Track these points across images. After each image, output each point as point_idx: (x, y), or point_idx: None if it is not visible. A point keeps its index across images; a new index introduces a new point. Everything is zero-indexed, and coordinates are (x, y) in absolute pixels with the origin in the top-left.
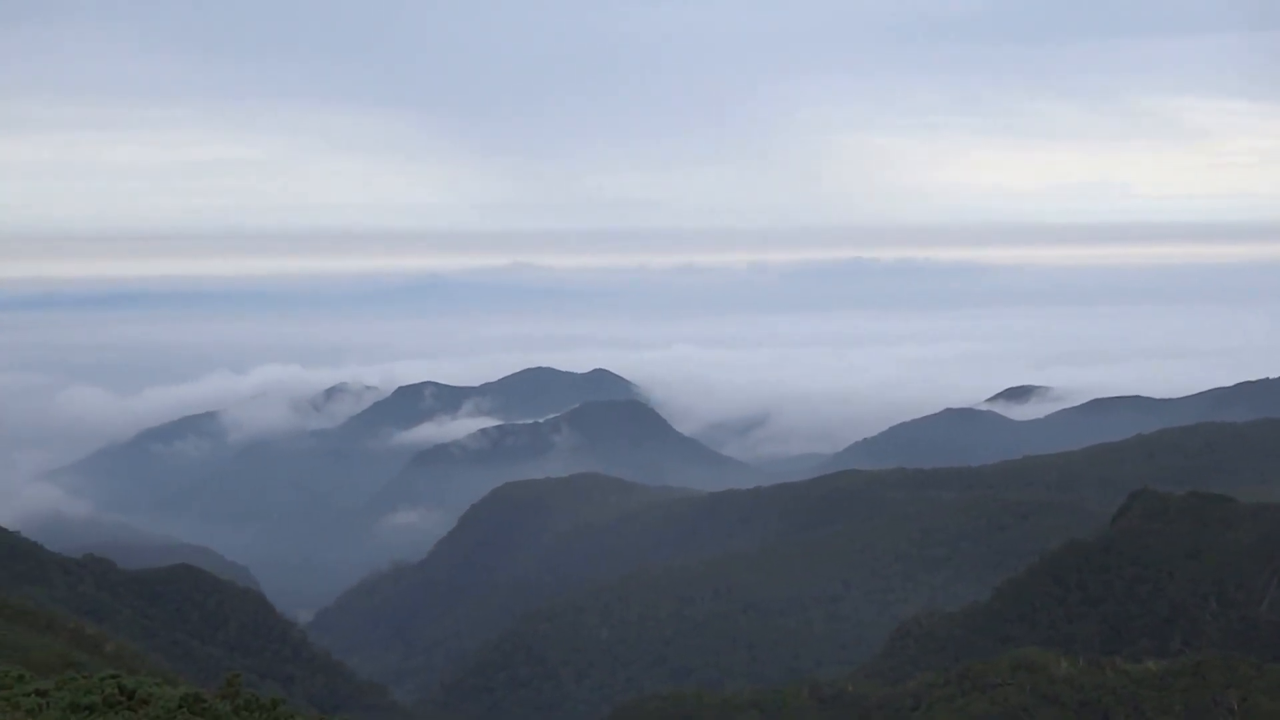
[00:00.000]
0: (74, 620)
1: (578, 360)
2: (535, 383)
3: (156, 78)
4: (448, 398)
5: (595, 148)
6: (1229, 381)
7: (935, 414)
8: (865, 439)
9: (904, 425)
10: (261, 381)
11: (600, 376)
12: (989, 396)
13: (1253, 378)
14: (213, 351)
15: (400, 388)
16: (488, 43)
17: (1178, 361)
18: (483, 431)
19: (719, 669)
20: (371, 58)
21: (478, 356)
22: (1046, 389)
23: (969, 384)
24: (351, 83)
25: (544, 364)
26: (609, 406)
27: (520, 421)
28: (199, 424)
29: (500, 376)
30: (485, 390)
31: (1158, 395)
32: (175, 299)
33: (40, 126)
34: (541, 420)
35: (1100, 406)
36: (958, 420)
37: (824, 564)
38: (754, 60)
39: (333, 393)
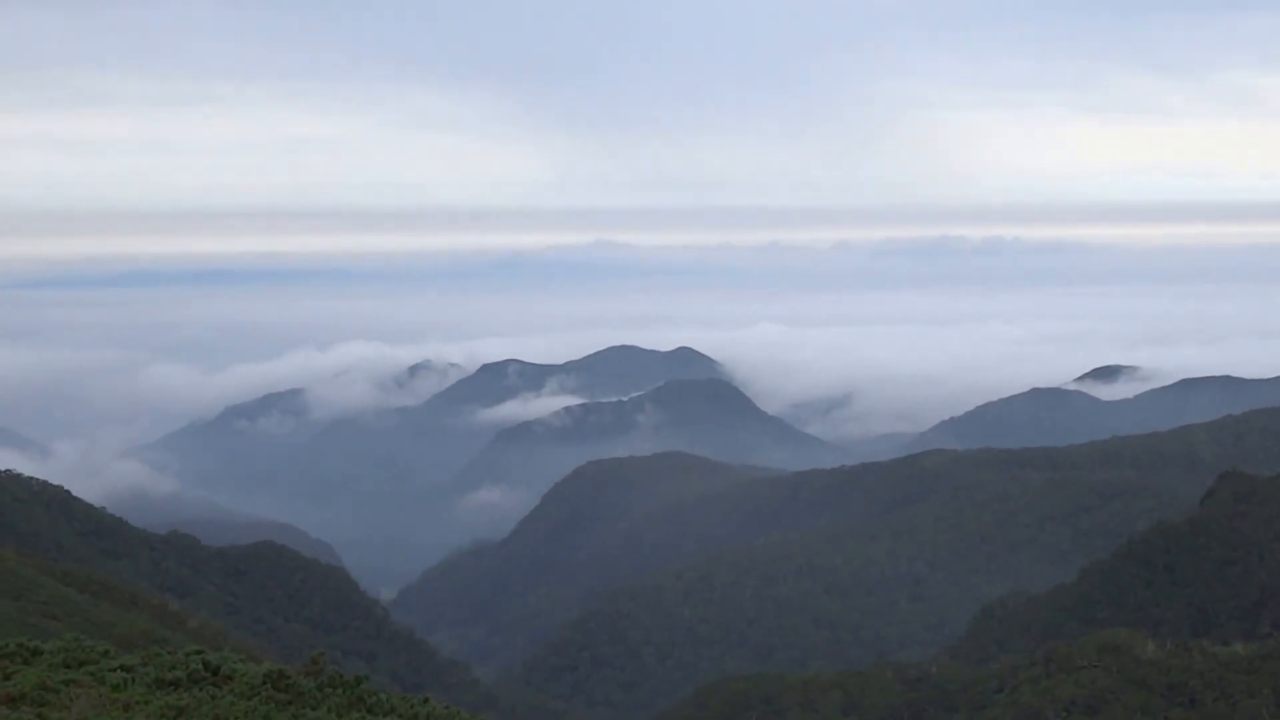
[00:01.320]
0: (158, 596)
1: (661, 339)
2: (619, 361)
3: (239, 55)
4: (531, 375)
5: (680, 126)
6: None
7: (1022, 394)
8: (951, 418)
9: (990, 405)
10: (345, 359)
11: (684, 355)
12: (1076, 376)
13: None
14: (297, 329)
15: (484, 365)
16: (573, 17)
17: (1268, 342)
18: (566, 410)
19: (802, 649)
20: (454, 33)
21: (561, 334)
22: (1134, 369)
23: (1056, 364)
24: (434, 59)
25: (628, 342)
26: (693, 385)
27: (604, 400)
28: (283, 401)
29: (584, 354)
30: (569, 368)
31: (1248, 376)
32: (260, 276)
33: (125, 104)
34: (625, 399)
35: (1189, 387)
36: (1044, 400)
37: (908, 545)
38: (841, 36)
39: (416, 370)
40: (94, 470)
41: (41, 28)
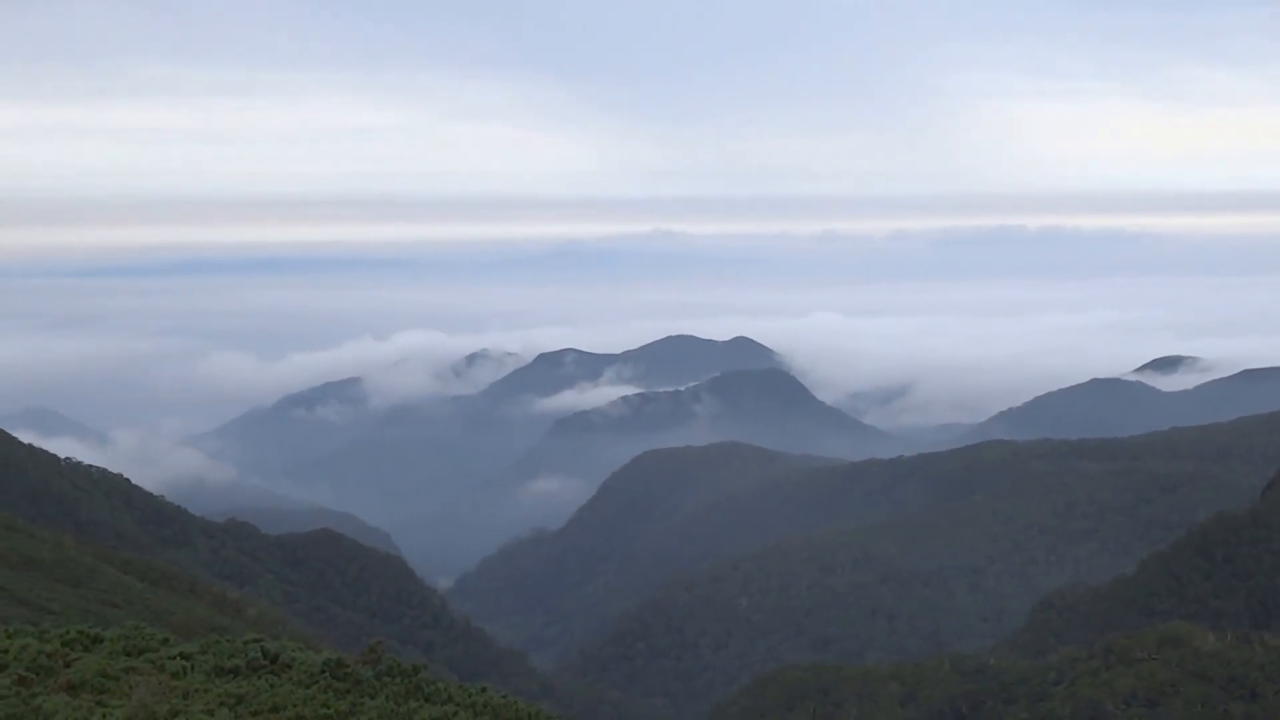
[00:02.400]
0: (217, 584)
1: (719, 328)
2: (676, 350)
3: (301, 45)
4: (589, 365)
5: (737, 114)
6: None
7: (1081, 384)
8: (1009, 409)
9: (1049, 395)
10: (403, 347)
11: (742, 344)
12: (1136, 367)
13: None
14: (356, 318)
15: (541, 354)
16: (630, 9)
17: None
18: (624, 399)
19: (859, 640)
20: (514, 24)
21: (619, 324)
22: (1195, 359)
23: (1116, 354)
24: (494, 50)
25: (685, 332)
26: (750, 375)
27: (661, 389)
28: (341, 390)
29: (641, 344)
30: (626, 358)
31: None
32: (319, 265)
33: (184, 94)
34: (683, 388)
35: (1250, 378)
36: (1104, 391)
37: (966, 535)
38: (898, 26)
39: (474, 359)
40: (153, 458)
41: (102, 20)
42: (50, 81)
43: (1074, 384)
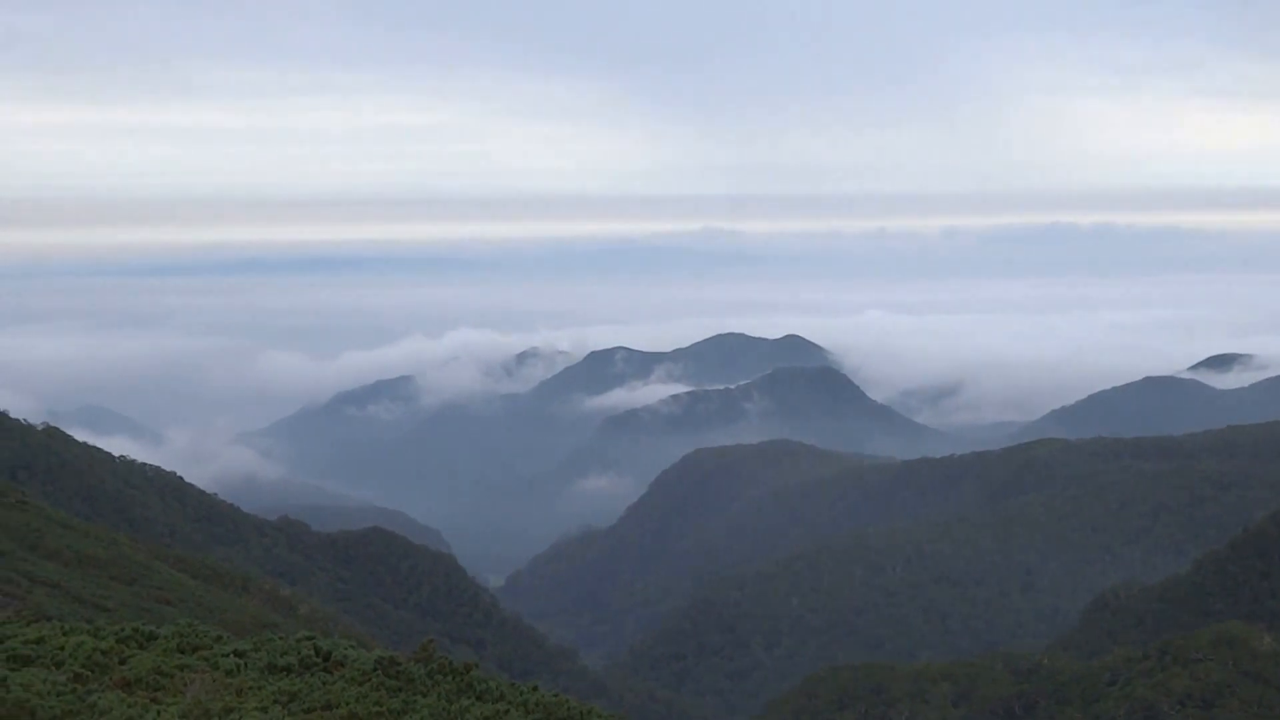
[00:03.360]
0: (270, 582)
1: (770, 326)
2: (727, 348)
3: (351, 44)
4: (639, 363)
5: (789, 112)
6: None
7: (1135, 382)
8: (1062, 407)
9: (1102, 394)
10: (455, 346)
11: (792, 343)
12: (1190, 365)
13: None
14: (408, 316)
15: (592, 353)
16: (680, 6)
17: None
18: (674, 397)
19: (911, 639)
20: (562, 22)
21: (669, 322)
22: (1250, 357)
23: (1170, 352)
24: (543, 48)
25: (736, 330)
26: (801, 373)
27: (712, 387)
28: (393, 388)
29: (692, 342)
30: (677, 356)
31: None
32: (371, 264)
33: (240, 94)
34: (733, 386)
35: None
36: (1158, 389)
37: (1019, 534)
38: (951, 21)
39: (524, 357)
40: (206, 456)
41: (155, 20)
42: (105, 83)
43: (1127, 382)
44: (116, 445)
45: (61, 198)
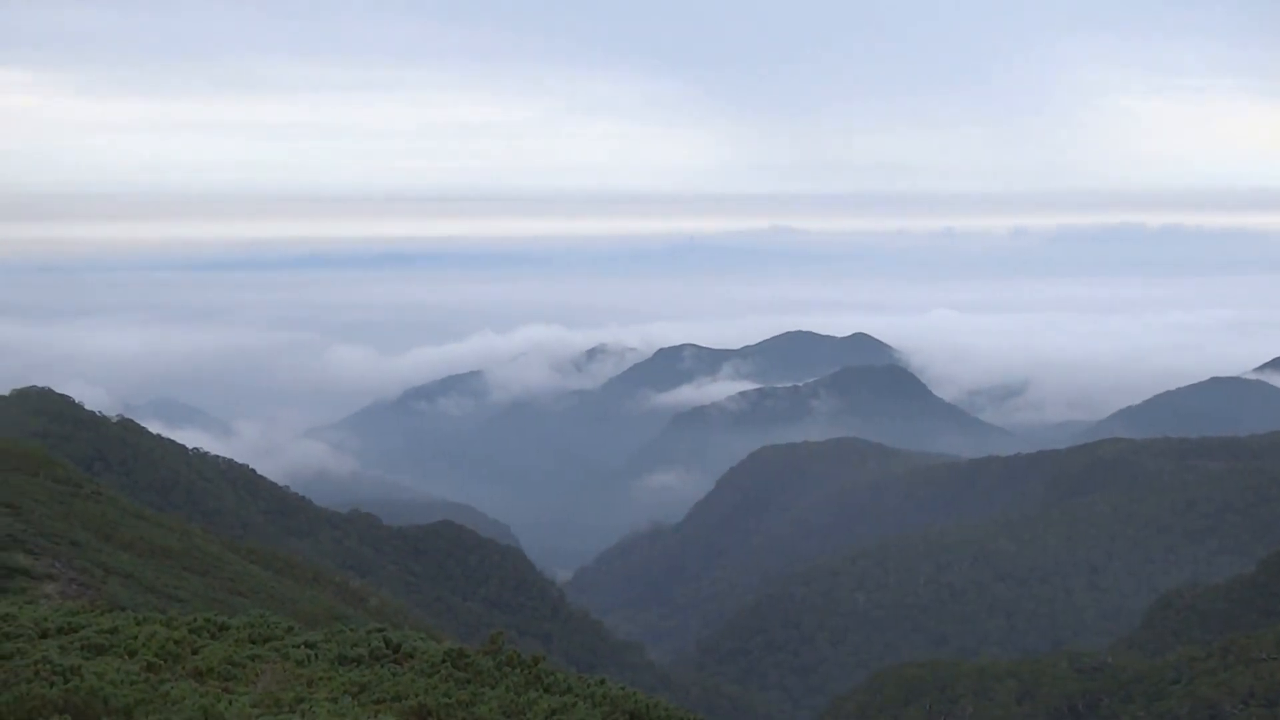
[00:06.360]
0: (340, 574)
1: (837, 324)
2: (794, 346)
3: (421, 41)
4: (707, 360)
5: (855, 111)
6: None
7: (1201, 382)
8: (1128, 407)
9: (1168, 394)
10: (524, 341)
11: (860, 341)
12: (1257, 365)
13: None
14: (477, 311)
15: (660, 349)
16: (751, 6)
17: None
18: (742, 394)
19: (976, 637)
20: (634, 23)
21: (737, 319)
22: None
23: (1236, 352)
24: (613, 46)
25: (803, 328)
26: (869, 371)
27: (779, 385)
28: (462, 383)
29: (759, 339)
30: (745, 353)
31: None
32: (442, 259)
33: (310, 89)
34: (800, 384)
35: None
36: (1224, 389)
37: (1084, 533)
38: (1017, 21)
39: (593, 354)
40: (277, 449)
41: (222, 17)
42: (175, 79)
43: (1193, 382)
44: (188, 437)
45: (132, 192)
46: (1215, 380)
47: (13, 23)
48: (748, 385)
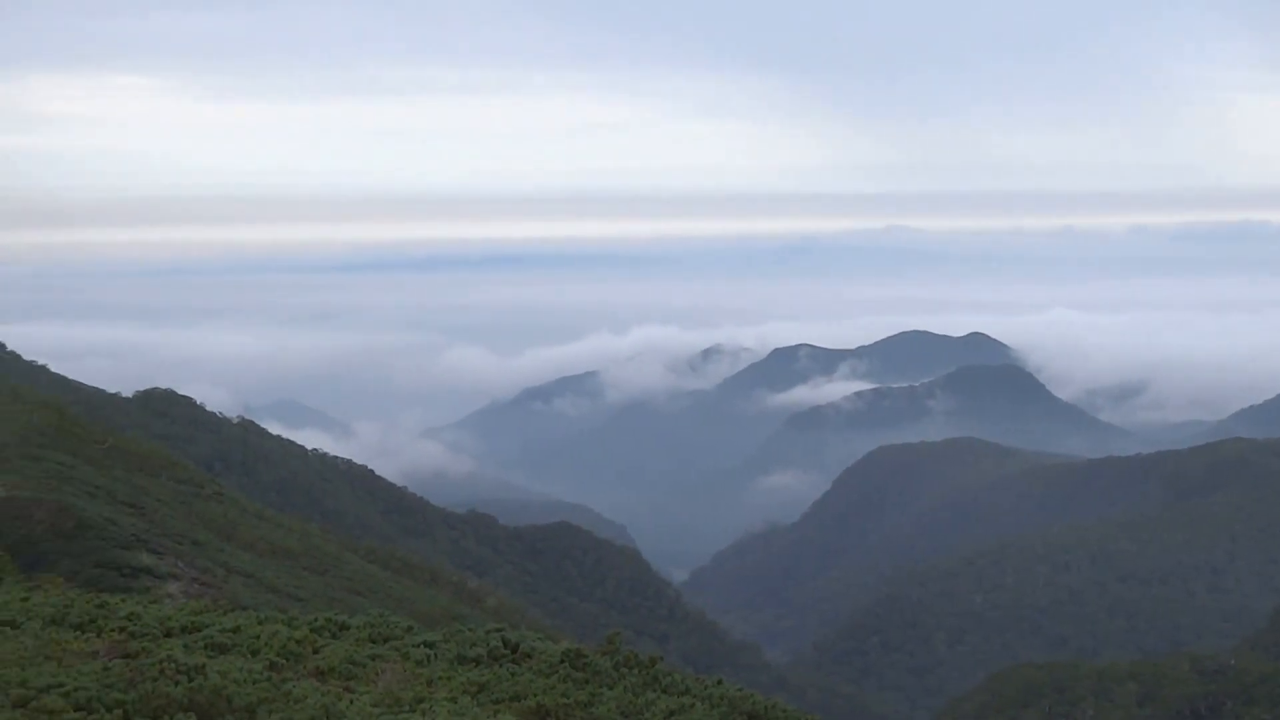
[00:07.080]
0: (457, 574)
1: (954, 324)
2: (911, 346)
3: (532, 43)
4: (823, 360)
5: (971, 109)
6: None
7: None
8: (1250, 406)
9: None
10: (639, 342)
11: (977, 340)
12: None
13: None
14: (593, 312)
15: (775, 350)
16: (865, 7)
17: None
18: (858, 394)
19: (1095, 638)
20: (747, 22)
21: (852, 319)
22: None
23: None
24: (725, 46)
25: (919, 328)
26: (986, 371)
27: (896, 385)
28: (578, 384)
29: (875, 339)
30: (860, 353)
31: None
32: (557, 260)
33: (424, 92)
34: (917, 384)
35: None
36: None
37: (1206, 534)
38: (1135, 19)
39: (709, 354)
40: (395, 450)
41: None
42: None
43: None
44: (307, 438)
45: (252, 196)
46: None
47: (130, 30)
48: (864, 385)
